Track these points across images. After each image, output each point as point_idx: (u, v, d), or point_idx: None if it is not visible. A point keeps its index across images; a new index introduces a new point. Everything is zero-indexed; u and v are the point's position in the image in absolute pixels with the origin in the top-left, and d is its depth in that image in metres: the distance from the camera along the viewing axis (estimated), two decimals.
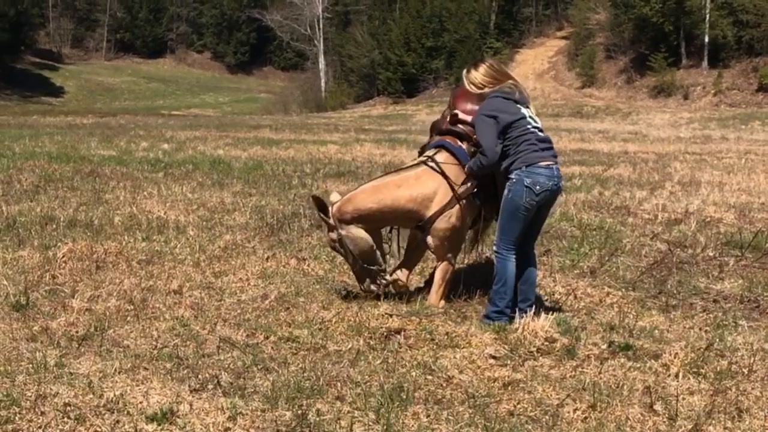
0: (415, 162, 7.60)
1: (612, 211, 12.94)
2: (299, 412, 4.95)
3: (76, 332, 6.37)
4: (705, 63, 61.66)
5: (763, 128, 44.91)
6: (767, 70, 57.17)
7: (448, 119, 7.59)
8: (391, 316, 6.79)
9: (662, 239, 10.80)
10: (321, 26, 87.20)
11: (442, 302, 7.33)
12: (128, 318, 6.78)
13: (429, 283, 7.70)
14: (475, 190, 7.23)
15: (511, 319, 6.74)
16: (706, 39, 60.90)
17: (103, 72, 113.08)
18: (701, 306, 7.73)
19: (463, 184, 7.19)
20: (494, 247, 6.97)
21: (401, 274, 7.52)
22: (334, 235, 7.27)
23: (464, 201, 7.22)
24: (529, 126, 6.86)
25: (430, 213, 7.17)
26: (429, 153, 7.50)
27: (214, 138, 29.73)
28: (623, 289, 8.17)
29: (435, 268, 7.48)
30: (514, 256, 6.87)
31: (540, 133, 6.92)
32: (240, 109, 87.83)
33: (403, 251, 7.74)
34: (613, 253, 9.65)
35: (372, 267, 7.32)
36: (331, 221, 7.22)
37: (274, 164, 19.69)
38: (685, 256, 9.88)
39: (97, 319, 6.66)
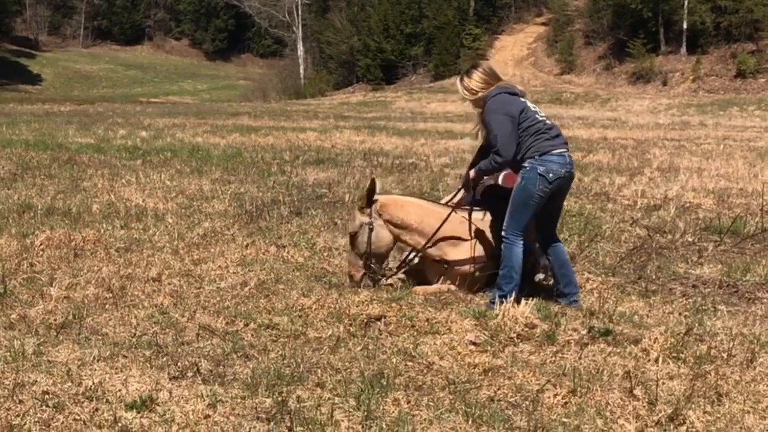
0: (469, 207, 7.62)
1: (591, 198, 12.98)
2: (279, 399, 4.93)
3: (55, 320, 6.33)
4: (684, 49, 61.90)
5: (742, 114, 45.15)
6: (745, 56, 57.42)
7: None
8: (371, 302, 6.78)
9: (641, 225, 10.84)
10: (299, 13, 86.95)
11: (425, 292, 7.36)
12: (107, 306, 6.74)
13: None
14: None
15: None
16: (685, 25, 61.14)
17: (81, 59, 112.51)
18: (680, 291, 7.76)
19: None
20: (503, 232, 6.99)
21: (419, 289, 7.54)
22: (366, 219, 7.40)
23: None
24: (536, 115, 6.95)
25: (452, 256, 7.43)
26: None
27: (193, 125, 29.62)
28: (603, 275, 8.19)
29: (441, 278, 7.57)
30: (521, 242, 6.94)
31: (547, 122, 7.01)
32: (219, 97, 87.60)
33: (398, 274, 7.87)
34: (593, 239, 9.67)
35: (374, 266, 7.48)
36: (368, 208, 7.43)
37: (253, 151, 19.64)
38: (665, 241, 9.92)
39: (76, 307, 6.62)
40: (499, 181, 7.18)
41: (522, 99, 7.03)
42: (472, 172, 7.30)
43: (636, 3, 62.00)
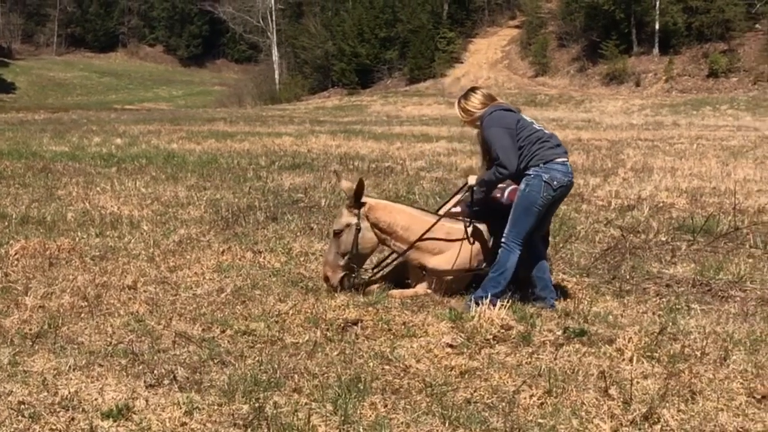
0: (458, 216, 7.68)
1: (566, 199, 13.01)
2: (256, 405, 4.94)
3: (30, 330, 6.30)
4: (656, 50, 62.28)
5: (714, 113, 45.49)
6: (717, 56, 57.83)
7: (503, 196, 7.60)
8: (348, 307, 6.79)
9: (615, 225, 10.91)
10: (274, 18, 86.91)
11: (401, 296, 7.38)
12: (82, 314, 6.72)
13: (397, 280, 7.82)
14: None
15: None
16: (657, 26, 61.52)
17: (55, 67, 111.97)
18: (654, 290, 7.82)
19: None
20: (503, 238, 7.02)
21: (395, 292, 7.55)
22: (353, 220, 7.41)
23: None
24: (533, 125, 7.06)
25: (431, 263, 7.43)
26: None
27: (168, 132, 29.53)
28: (578, 275, 8.24)
29: (418, 283, 7.59)
30: (519, 251, 6.98)
31: (546, 131, 7.11)
32: (194, 103, 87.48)
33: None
34: (568, 239, 9.73)
35: (355, 266, 7.49)
36: (356, 209, 7.43)
37: (229, 157, 19.61)
38: (638, 241, 9.98)
39: (51, 316, 6.60)
40: (504, 199, 7.31)
41: (516, 114, 7.13)
42: (473, 179, 7.35)
43: (608, 5, 62.36)
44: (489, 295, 6.86)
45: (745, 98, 52.16)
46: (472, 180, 7.42)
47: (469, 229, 7.40)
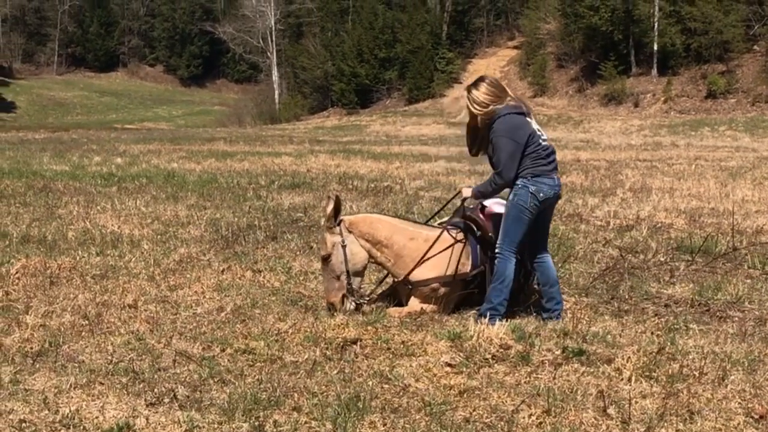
0: (438, 226, 7.85)
1: (565, 219, 13.07)
2: (256, 423, 4.96)
3: (31, 348, 6.33)
4: (654, 71, 62.36)
5: (713, 134, 45.51)
6: (715, 77, 57.95)
7: (478, 208, 7.70)
8: (347, 326, 6.80)
9: (614, 245, 10.93)
10: (274, 38, 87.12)
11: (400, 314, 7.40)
12: (83, 333, 6.74)
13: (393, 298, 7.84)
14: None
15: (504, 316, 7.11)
16: (655, 47, 61.60)
17: (55, 86, 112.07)
18: (653, 310, 7.84)
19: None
20: (497, 249, 7.18)
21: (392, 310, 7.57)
22: (337, 239, 7.41)
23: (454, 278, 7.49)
24: (540, 140, 7.15)
25: (414, 275, 7.46)
26: (452, 224, 7.75)
27: (168, 151, 29.59)
28: (576, 295, 8.26)
29: (411, 297, 7.60)
30: (515, 259, 7.15)
31: (547, 146, 7.21)
32: (194, 122, 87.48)
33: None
34: (566, 259, 9.75)
35: (353, 286, 7.45)
36: (337, 227, 7.44)
37: (229, 177, 19.65)
38: (637, 261, 10.00)
39: (52, 335, 6.62)
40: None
41: (529, 119, 7.19)
42: (468, 191, 7.43)
43: (607, 26, 62.51)
44: (495, 305, 7.01)
45: (743, 119, 52.21)
46: (466, 192, 7.49)
47: (449, 235, 7.47)
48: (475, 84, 7.33)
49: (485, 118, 7.19)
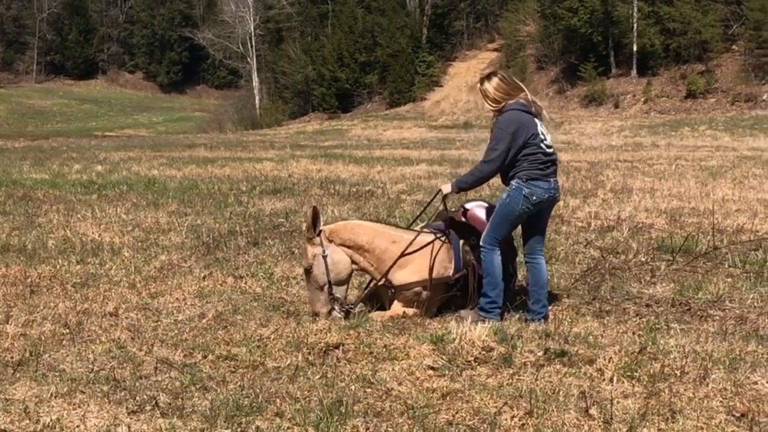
0: (420, 230, 7.84)
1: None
2: (239, 430, 4.95)
3: (11, 358, 6.30)
4: (634, 71, 62.60)
5: (693, 134, 45.71)
6: (695, 77, 58.23)
7: (461, 212, 7.74)
8: (329, 331, 6.80)
9: (595, 246, 10.96)
10: (253, 43, 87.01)
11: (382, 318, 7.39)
12: (64, 342, 6.71)
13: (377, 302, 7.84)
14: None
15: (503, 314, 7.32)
16: (635, 48, 61.85)
17: (34, 95, 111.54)
18: (634, 311, 7.86)
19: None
20: (481, 242, 7.26)
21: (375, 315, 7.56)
22: (318, 249, 7.37)
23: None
24: (541, 144, 7.21)
25: (396, 279, 7.47)
26: (434, 227, 7.79)
27: (149, 158, 29.52)
28: (558, 297, 8.28)
29: (394, 301, 7.60)
30: (498, 251, 7.24)
31: (548, 150, 7.27)
32: (174, 129, 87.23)
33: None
34: (548, 261, 9.74)
35: (337, 295, 7.42)
36: (317, 237, 7.39)
37: (210, 183, 19.61)
38: (618, 262, 10.03)
39: (32, 344, 6.59)
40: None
41: (534, 120, 7.26)
42: (448, 187, 7.45)
43: (586, 27, 62.71)
44: (493, 298, 7.15)
45: (723, 119, 52.45)
46: (446, 188, 7.51)
47: (426, 238, 7.49)
48: (488, 77, 7.40)
49: (496, 112, 7.32)
